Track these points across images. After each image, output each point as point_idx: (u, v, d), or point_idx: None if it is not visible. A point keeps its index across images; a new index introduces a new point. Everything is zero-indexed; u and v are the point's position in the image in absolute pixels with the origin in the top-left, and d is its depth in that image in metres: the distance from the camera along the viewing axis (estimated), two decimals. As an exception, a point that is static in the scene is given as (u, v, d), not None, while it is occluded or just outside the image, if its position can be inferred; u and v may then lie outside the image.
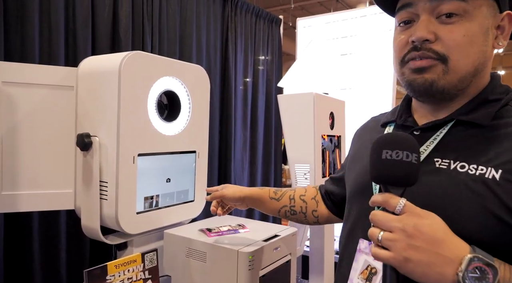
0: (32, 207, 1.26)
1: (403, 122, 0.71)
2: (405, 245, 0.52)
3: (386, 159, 0.55)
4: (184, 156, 1.41)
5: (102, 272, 1.01)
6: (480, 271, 0.50)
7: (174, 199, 1.39)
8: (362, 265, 0.68)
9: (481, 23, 0.61)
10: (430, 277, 0.52)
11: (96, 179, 1.20)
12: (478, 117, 0.62)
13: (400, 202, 0.54)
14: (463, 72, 0.61)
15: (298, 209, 1.01)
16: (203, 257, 1.20)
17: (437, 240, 0.52)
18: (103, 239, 1.23)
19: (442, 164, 0.61)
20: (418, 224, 0.52)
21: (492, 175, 0.56)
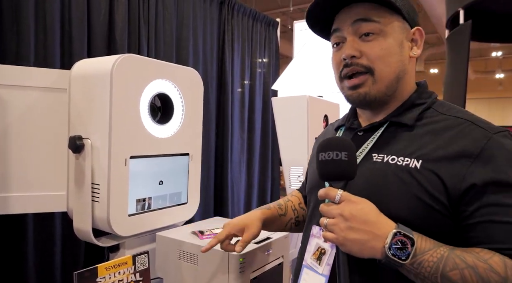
0: (24, 209, 1.27)
1: (350, 125, 0.84)
2: (344, 227, 0.65)
3: (322, 160, 0.69)
4: (177, 158, 1.42)
5: (92, 274, 1.01)
6: (401, 243, 0.62)
7: (167, 201, 1.39)
8: (314, 247, 0.79)
9: (395, 37, 0.74)
10: (365, 251, 0.64)
11: (88, 181, 1.20)
12: (405, 118, 0.75)
13: (337, 193, 0.67)
14: (388, 80, 0.74)
15: (301, 218, 1.03)
16: (195, 259, 1.20)
17: (369, 221, 0.64)
18: (95, 241, 1.23)
19: (378, 158, 0.73)
20: (352, 209, 0.65)
21: (414, 164, 0.68)
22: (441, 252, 0.62)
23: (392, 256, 0.62)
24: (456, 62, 3.19)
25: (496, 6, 3.32)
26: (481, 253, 0.62)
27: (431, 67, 13.94)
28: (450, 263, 0.61)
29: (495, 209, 0.63)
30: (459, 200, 0.65)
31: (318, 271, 0.76)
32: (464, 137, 0.67)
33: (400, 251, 0.61)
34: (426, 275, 0.62)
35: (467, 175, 0.64)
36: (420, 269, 0.62)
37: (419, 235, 0.64)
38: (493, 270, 0.60)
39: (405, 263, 0.61)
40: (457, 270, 0.61)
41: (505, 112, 14.78)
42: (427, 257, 0.62)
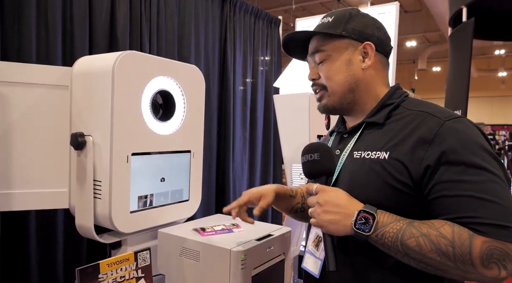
0: (26, 206, 1.27)
1: (338, 130, 0.99)
2: (320, 211, 0.79)
3: (303, 162, 0.86)
4: (179, 156, 1.42)
5: (94, 270, 1.02)
6: (365, 218, 0.75)
7: (168, 198, 1.40)
8: (314, 236, 0.93)
9: (341, 59, 0.89)
10: (339, 230, 0.78)
11: (90, 178, 1.20)
12: (376, 118, 0.87)
13: (314, 186, 0.82)
14: (340, 92, 0.90)
15: (307, 206, 1.05)
16: (197, 256, 1.20)
17: (339, 204, 0.78)
18: (97, 238, 1.24)
19: (357, 154, 0.86)
20: (325, 196, 0.80)
21: (384, 156, 0.80)
22: (400, 224, 0.74)
23: (357, 230, 0.75)
24: (459, 60, 3.18)
25: (498, 4, 3.30)
26: (435, 223, 0.73)
27: (434, 65, 13.89)
28: (408, 233, 0.72)
29: (446, 185, 0.73)
30: (421, 181, 0.76)
31: (316, 256, 0.90)
32: (421, 127, 0.78)
33: (364, 225, 0.75)
34: (389, 244, 0.74)
35: (424, 158, 0.75)
36: (384, 240, 0.74)
37: (382, 212, 0.76)
38: (442, 236, 0.70)
39: (369, 234, 0.74)
40: (413, 238, 0.72)
41: (508, 111, 14.71)
42: (388, 229, 0.74)
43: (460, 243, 0.69)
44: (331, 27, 0.90)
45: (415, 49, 11.79)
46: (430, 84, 14.30)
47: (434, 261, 0.70)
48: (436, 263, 0.71)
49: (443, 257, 0.70)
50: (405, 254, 0.72)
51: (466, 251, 0.68)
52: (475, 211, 0.70)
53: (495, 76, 13.77)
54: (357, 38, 0.89)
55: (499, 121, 13.90)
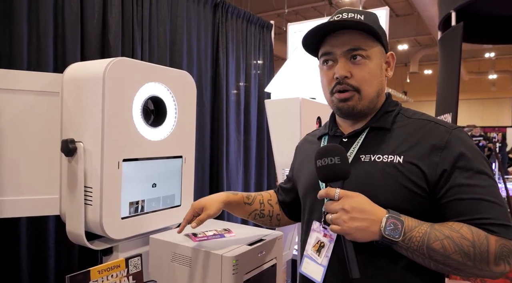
0: (17, 213, 1.26)
1: (334, 133, 0.97)
2: (346, 219, 0.77)
3: (319, 166, 0.82)
4: (170, 161, 1.42)
5: (85, 277, 1.01)
6: (394, 224, 0.75)
7: (160, 204, 1.40)
8: (314, 240, 0.91)
9: (377, 62, 0.89)
10: (366, 236, 0.77)
11: (81, 184, 1.20)
12: (383, 123, 0.89)
13: (336, 191, 0.79)
14: (371, 97, 0.89)
15: (266, 213, 1.18)
16: (188, 261, 1.20)
17: (365, 210, 0.77)
18: (88, 245, 1.23)
19: (365, 158, 0.86)
20: (351, 202, 0.78)
21: (398, 160, 0.82)
22: (425, 228, 0.76)
23: (388, 236, 0.75)
24: (449, 63, 3.22)
25: (487, 8, 3.35)
26: (453, 225, 0.76)
27: (425, 68, 14.04)
28: (432, 236, 0.75)
29: (460, 189, 0.77)
30: (435, 184, 0.79)
31: (318, 261, 0.88)
32: (432, 134, 0.82)
33: (393, 231, 0.75)
34: (415, 248, 0.75)
35: (439, 163, 0.79)
36: (410, 244, 0.75)
37: (405, 216, 0.77)
38: (464, 237, 0.74)
39: (398, 240, 0.75)
40: (438, 241, 0.74)
41: (498, 113, 14.90)
42: (414, 233, 0.75)
43: (479, 243, 0.73)
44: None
45: (407, 52, 11.93)
46: (422, 87, 14.44)
47: (455, 262, 0.73)
48: (457, 264, 0.74)
49: (464, 257, 0.73)
50: (429, 256, 0.75)
51: (485, 250, 0.73)
52: (487, 212, 0.75)
53: (486, 78, 13.95)
54: (386, 45, 0.92)
55: (491, 123, 14.07)
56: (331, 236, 0.87)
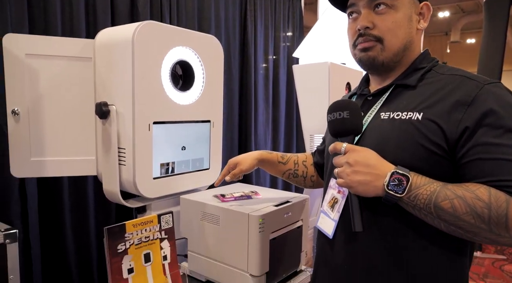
0: (58, 172, 1.35)
1: (361, 92, 0.95)
2: (350, 172, 0.77)
3: (329, 121, 0.83)
4: (199, 125, 1.45)
5: (121, 230, 1.08)
6: (398, 180, 0.73)
7: (189, 167, 1.44)
8: (330, 197, 0.93)
9: (405, 12, 0.84)
10: (369, 191, 0.76)
11: (115, 145, 1.26)
12: (409, 81, 0.84)
13: (343, 145, 0.79)
14: (395, 49, 0.84)
15: (300, 173, 1.20)
16: (217, 220, 1.25)
17: (370, 164, 0.76)
18: (123, 202, 1.30)
19: (385, 116, 0.84)
20: (355, 156, 0.77)
21: (416, 117, 0.78)
22: (434, 187, 0.72)
23: (390, 191, 0.73)
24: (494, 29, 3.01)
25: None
26: (470, 186, 0.72)
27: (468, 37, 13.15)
28: (442, 195, 0.71)
29: (484, 148, 0.72)
30: (456, 143, 0.74)
31: (331, 217, 0.91)
32: (459, 90, 0.77)
33: (397, 186, 0.73)
34: (422, 206, 0.72)
35: (462, 120, 0.74)
36: (416, 202, 0.73)
37: (415, 174, 0.74)
38: (479, 198, 0.69)
39: (401, 196, 0.73)
40: (448, 200, 0.70)
41: (548, 84, 13.83)
42: (421, 191, 0.72)
43: (497, 206, 0.68)
44: None
45: (448, 20, 11.18)
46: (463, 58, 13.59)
47: (467, 224, 0.69)
48: (468, 226, 0.69)
49: (477, 219, 0.68)
50: (437, 216, 0.71)
51: (503, 213, 0.67)
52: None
53: (536, 47, 12.91)
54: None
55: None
56: (344, 192, 0.88)
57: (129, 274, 1.08)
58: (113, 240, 1.06)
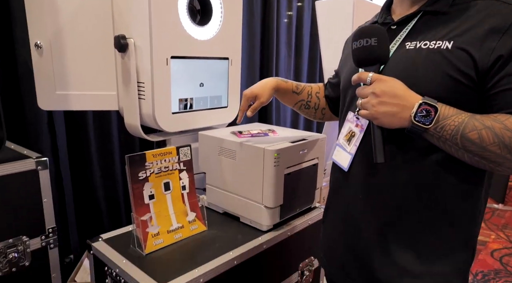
0: (82, 106, 1.40)
1: (383, 21, 0.89)
2: (375, 103, 0.74)
3: (355, 48, 0.78)
4: (217, 62, 1.45)
5: (141, 159, 1.14)
6: (426, 111, 0.70)
7: (207, 103, 1.46)
8: (347, 130, 0.91)
9: None
10: (394, 122, 0.73)
11: (134, 79, 1.28)
12: (438, 6, 0.79)
13: (369, 75, 0.75)
14: None
15: (312, 105, 1.20)
16: (233, 155, 1.28)
17: (397, 95, 0.72)
18: (144, 136, 1.35)
19: (411, 45, 0.79)
20: (382, 86, 0.73)
21: (446, 46, 0.73)
22: (462, 117, 0.70)
23: (417, 123, 0.71)
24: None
25: None
26: (498, 116, 0.70)
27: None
28: (470, 125, 0.69)
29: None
30: (486, 72, 0.70)
31: (347, 150, 0.90)
32: (494, 16, 0.71)
33: (424, 118, 0.70)
34: (448, 137, 0.70)
35: (496, 48, 0.69)
36: (442, 133, 0.71)
37: (443, 104, 0.71)
38: (507, 128, 0.67)
39: (428, 127, 0.71)
40: (475, 131, 0.68)
41: None
42: (449, 122, 0.70)
43: None
44: None
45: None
46: None
47: (492, 154, 0.68)
48: (494, 156, 0.68)
49: (504, 149, 0.67)
50: (462, 147, 0.70)
51: None
52: None
53: None
54: None
55: None
56: (362, 126, 0.86)
57: (150, 200, 1.15)
58: (134, 168, 1.12)
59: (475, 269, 2.59)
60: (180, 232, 1.19)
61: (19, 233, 1.26)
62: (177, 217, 1.20)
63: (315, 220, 1.40)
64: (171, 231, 1.17)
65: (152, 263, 1.04)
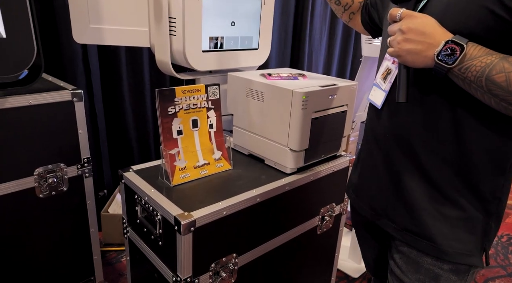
0: (115, 41, 1.41)
1: None
2: (400, 40, 0.71)
3: None
4: (250, 0, 1.39)
5: (171, 94, 1.15)
6: (451, 50, 0.66)
7: (238, 44, 1.43)
8: (384, 68, 0.88)
9: None
10: (418, 61, 0.70)
11: (166, 14, 1.26)
12: None
13: (399, 12, 0.72)
14: None
15: (344, 3, 1.18)
16: (261, 96, 1.27)
17: (425, 32, 0.68)
18: (174, 73, 1.36)
19: None
20: (409, 23, 0.70)
21: None
22: (491, 59, 0.64)
23: (439, 61, 0.67)
24: None
25: None
26: None
27: None
28: (498, 67, 0.63)
29: None
30: None
31: (382, 88, 0.88)
32: None
33: (448, 57, 0.66)
34: (472, 79, 0.66)
35: None
36: (467, 74, 0.66)
37: (473, 44, 0.66)
38: None
39: (451, 67, 0.67)
40: (503, 73, 0.63)
41: None
42: (475, 62, 0.65)
43: None
44: None
45: None
46: None
47: None
48: None
49: None
50: (488, 90, 0.65)
51: None
52: None
53: None
54: None
55: None
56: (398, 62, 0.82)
57: (178, 135, 1.18)
58: (164, 102, 1.14)
59: (501, 231, 2.55)
60: (206, 169, 1.23)
61: (57, 160, 1.34)
62: (203, 154, 1.23)
63: (339, 167, 1.40)
64: (197, 166, 1.21)
65: (179, 194, 1.09)
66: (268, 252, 1.22)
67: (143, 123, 2.08)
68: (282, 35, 2.60)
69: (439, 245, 0.80)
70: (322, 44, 3.05)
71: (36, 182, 1.31)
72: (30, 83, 1.20)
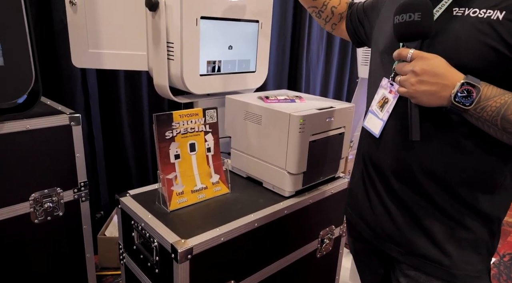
0: (113, 65, 1.42)
1: None
2: (414, 82, 0.71)
3: (397, 23, 0.74)
4: (247, 25, 1.41)
5: (168, 118, 1.15)
6: (468, 91, 0.67)
7: (235, 67, 1.44)
8: (380, 97, 0.89)
9: None
10: (433, 101, 0.71)
11: (164, 39, 1.28)
12: None
13: (409, 52, 0.72)
14: None
15: (324, 16, 1.20)
16: (259, 119, 1.28)
17: (438, 73, 0.69)
18: (172, 97, 1.37)
19: (459, 12, 0.73)
20: (423, 65, 0.70)
21: (497, 16, 0.67)
22: (506, 98, 0.66)
23: (457, 103, 0.68)
24: None
25: None
26: None
27: None
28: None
29: None
30: None
31: (379, 116, 0.89)
32: None
33: (465, 98, 0.67)
34: (487, 118, 0.68)
35: None
36: (482, 113, 0.68)
37: (486, 84, 0.68)
38: None
39: (469, 108, 0.68)
40: None
41: None
42: (490, 103, 0.67)
43: None
44: None
45: None
46: None
47: None
48: None
49: None
50: (502, 128, 0.67)
51: None
52: None
53: None
54: None
55: None
56: (395, 93, 0.83)
57: (175, 159, 1.17)
58: (161, 127, 1.14)
59: (502, 250, 2.52)
60: (204, 193, 1.22)
61: (53, 184, 1.33)
62: (201, 178, 1.22)
63: (338, 189, 1.39)
64: (195, 191, 1.20)
65: (176, 220, 1.07)
66: (267, 277, 1.20)
67: (141, 145, 2.08)
68: (279, 57, 2.63)
69: (449, 268, 0.80)
70: (319, 65, 3.09)
71: (31, 207, 1.29)
72: (28, 109, 1.20)
